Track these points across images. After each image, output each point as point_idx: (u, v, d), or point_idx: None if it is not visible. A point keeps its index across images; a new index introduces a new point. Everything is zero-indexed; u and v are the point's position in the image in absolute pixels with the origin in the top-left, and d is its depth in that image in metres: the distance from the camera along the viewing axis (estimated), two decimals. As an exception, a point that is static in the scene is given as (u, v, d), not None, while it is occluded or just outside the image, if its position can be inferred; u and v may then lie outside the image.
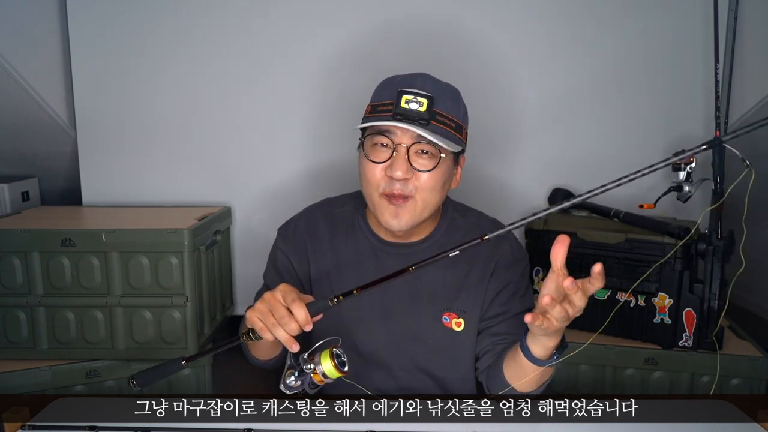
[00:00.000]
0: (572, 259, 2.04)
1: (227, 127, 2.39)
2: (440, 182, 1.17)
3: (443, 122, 1.13)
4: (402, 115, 1.11)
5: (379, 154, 1.15)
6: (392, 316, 1.27)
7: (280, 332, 0.97)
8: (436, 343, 1.27)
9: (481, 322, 1.27)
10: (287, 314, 0.97)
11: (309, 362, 1.00)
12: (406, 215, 1.16)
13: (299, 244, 1.31)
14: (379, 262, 1.26)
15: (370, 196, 1.18)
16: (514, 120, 2.39)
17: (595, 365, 2.02)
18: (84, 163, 2.39)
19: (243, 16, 2.30)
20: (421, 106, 1.11)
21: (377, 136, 1.15)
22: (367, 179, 1.17)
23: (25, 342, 1.93)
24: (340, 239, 1.30)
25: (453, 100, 1.18)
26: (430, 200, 1.17)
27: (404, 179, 1.13)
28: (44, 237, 1.88)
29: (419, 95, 1.11)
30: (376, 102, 1.18)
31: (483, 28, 2.31)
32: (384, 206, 1.17)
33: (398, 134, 1.13)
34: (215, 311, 2.23)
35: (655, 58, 2.31)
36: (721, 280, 1.91)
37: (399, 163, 1.12)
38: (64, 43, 2.32)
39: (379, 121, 1.13)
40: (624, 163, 2.52)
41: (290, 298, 0.98)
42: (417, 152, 1.14)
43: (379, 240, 1.28)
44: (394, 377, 1.29)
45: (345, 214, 1.33)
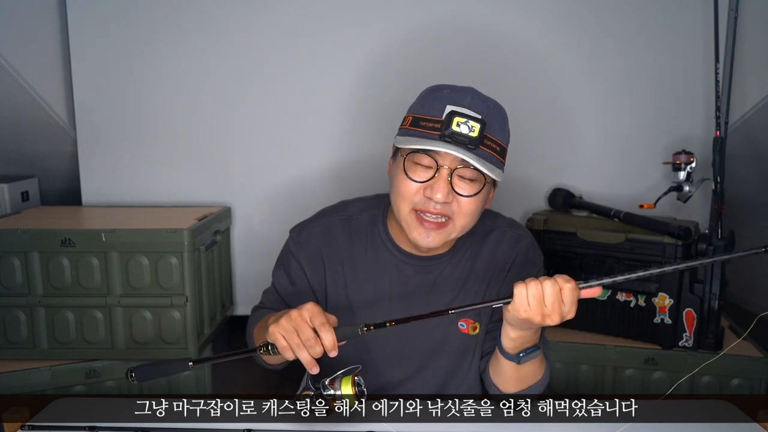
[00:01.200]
0: (572, 259, 2.07)
1: (227, 127, 2.39)
2: (480, 208, 1.13)
3: (490, 147, 1.07)
4: (450, 138, 1.04)
5: (420, 173, 1.09)
6: (411, 328, 1.20)
7: (303, 354, 0.94)
8: (454, 350, 1.25)
9: (489, 323, 1.25)
10: (314, 336, 0.94)
11: (329, 388, 0.98)
12: (439, 237, 1.12)
13: (314, 252, 1.24)
14: (400, 274, 1.22)
15: (400, 209, 1.13)
16: (515, 120, 2.38)
17: (595, 365, 2.02)
18: (84, 163, 2.39)
19: (242, 17, 2.30)
20: (472, 131, 1.04)
21: (420, 155, 1.08)
22: (400, 194, 1.11)
23: (25, 342, 1.93)
24: (359, 249, 1.23)
25: (500, 122, 1.12)
26: (467, 225, 1.13)
27: (445, 202, 1.08)
28: (44, 237, 1.88)
29: (472, 119, 1.05)
30: (420, 114, 1.10)
31: (488, 29, 2.31)
32: (415, 224, 1.12)
33: (443, 155, 1.06)
34: (215, 311, 2.23)
35: (656, 58, 2.32)
36: (721, 280, 1.91)
37: (440, 186, 1.07)
38: (64, 43, 2.32)
39: (425, 143, 1.06)
40: (624, 163, 2.55)
41: (319, 321, 0.95)
42: (459, 176, 1.08)
43: (401, 252, 1.22)
44: (408, 386, 1.27)
45: (364, 221, 1.25)
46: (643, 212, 2.05)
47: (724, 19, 2.17)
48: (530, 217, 2.18)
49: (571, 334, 2.05)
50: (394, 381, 1.26)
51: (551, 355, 1.23)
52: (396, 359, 1.25)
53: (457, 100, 1.07)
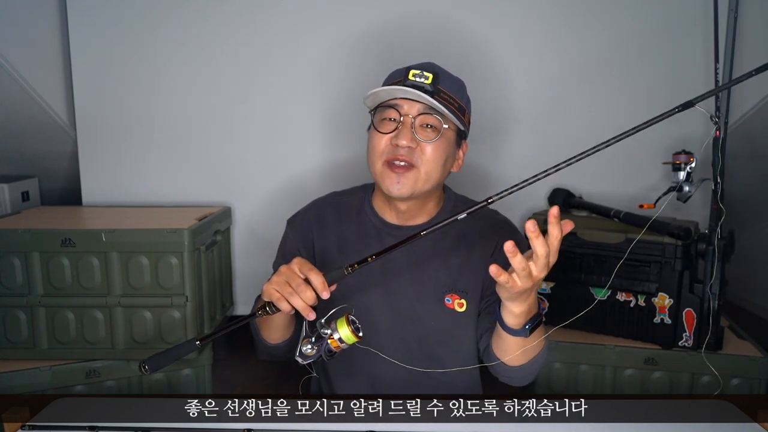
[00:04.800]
0: (572, 259, 2.07)
1: (227, 127, 2.39)
2: (442, 156, 1.22)
3: (447, 100, 1.20)
4: (409, 85, 1.18)
5: (387, 126, 1.22)
6: (395, 299, 1.29)
7: (297, 301, 1.01)
8: (439, 324, 1.29)
9: (481, 302, 1.30)
10: (303, 283, 1.02)
11: (326, 327, 1.03)
12: (407, 183, 1.21)
13: (306, 230, 1.36)
14: (383, 244, 1.29)
15: (374, 165, 1.24)
16: (515, 120, 2.39)
17: (595, 365, 2.02)
18: (84, 163, 2.40)
19: (243, 17, 2.31)
20: (427, 80, 1.20)
21: (386, 110, 1.22)
22: (373, 148, 1.24)
23: (25, 342, 1.93)
24: (347, 224, 1.35)
25: (458, 86, 1.25)
26: (432, 172, 1.22)
27: (408, 147, 1.19)
28: (44, 237, 1.88)
29: (426, 70, 1.21)
30: (386, 83, 1.25)
31: (485, 28, 2.32)
32: (386, 174, 1.22)
33: (405, 107, 1.20)
34: (215, 311, 2.23)
35: (656, 58, 2.32)
36: (721, 280, 1.91)
37: (404, 133, 1.19)
38: (64, 43, 2.33)
39: (390, 86, 1.20)
40: (624, 163, 2.55)
41: (306, 268, 1.03)
42: (422, 125, 1.20)
43: (384, 223, 1.32)
44: (396, 360, 1.29)
45: (352, 201, 1.38)
46: (643, 212, 2.04)
47: (724, 19, 2.17)
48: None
49: (571, 334, 2.05)
50: (386, 362, 1.28)
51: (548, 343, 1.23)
52: (387, 340, 1.29)
53: (416, 66, 1.23)
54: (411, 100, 1.19)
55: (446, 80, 1.22)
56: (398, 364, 1.25)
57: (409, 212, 1.29)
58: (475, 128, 1.34)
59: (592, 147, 1.01)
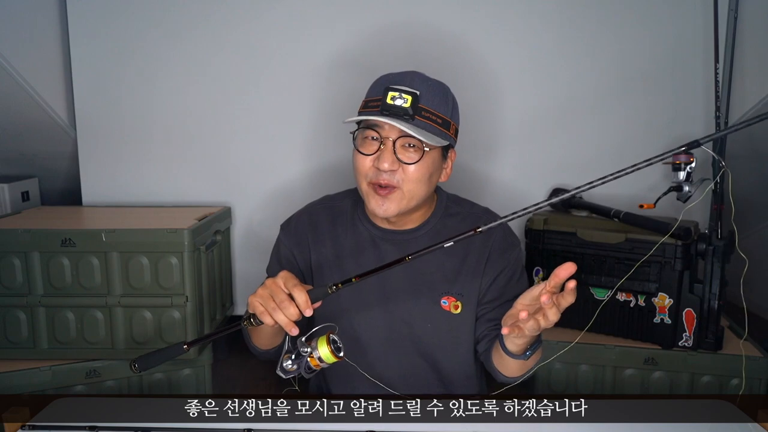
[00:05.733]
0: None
1: (227, 127, 2.39)
2: (426, 175, 1.22)
3: (429, 118, 1.19)
4: (388, 111, 1.17)
5: (369, 146, 1.22)
6: (391, 301, 1.30)
7: (279, 316, 1.01)
8: (435, 326, 1.30)
9: (478, 307, 1.31)
10: (287, 299, 1.01)
11: (306, 346, 1.03)
12: (391, 204, 1.22)
13: (301, 235, 1.36)
14: (378, 250, 1.31)
15: (359, 184, 1.26)
16: (515, 121, 2.39)
17: (595, 365, 2.02)
18: (84, 163, 2.39)
19: (243, 17, 2.30)
20: (405, 102, 1.17)
21: (367, 130, 1.22)
22: (357, 170, 1.25)
23: (25, 342, 1.93)
24: (341, 230, 1.35)
25: (441, 97, 1.22)
26: (416, 191, 1.22)
27: (391, 170, 1.19)
28: (44, 237, 1.88)
29: (404, 92, 1.17)
30: (368, 98, 1.24)
31: (484, 31, 2.31)
32: (371, 195, 1.23)
33: (386, 129, 1.19)
34: (215, 311, 2.23)
35: (656, 58, 2.31)
36: (721, 280, 1.91)
37: (385, 156, 1.19)
38: (64, 43, 2.33)
39: (366, 116, 1.20)
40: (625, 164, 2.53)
41: (291, 284, 1.03)
42: (403, 146, 1.20)
43: (377, 228, 1.33)
44: (394, 362, 1.32)
45: (345, 207, 1.38)
46: (642, 212, 2.04)
47: (724, 19, 2.17)
48: (530, 217, 2.18)
49: (571, 334, 2.04)
50: (384, 362, 1.32)
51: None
52: (383, 342, 1.31)
53: (396, 81, 1.20)
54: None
55: (427, 95, 1.19)
56: (379, 383, 1.27)
57: (400, 221, 1.30)
58: (481, 139, 1.33)
59: (610, 174, 1.13)
